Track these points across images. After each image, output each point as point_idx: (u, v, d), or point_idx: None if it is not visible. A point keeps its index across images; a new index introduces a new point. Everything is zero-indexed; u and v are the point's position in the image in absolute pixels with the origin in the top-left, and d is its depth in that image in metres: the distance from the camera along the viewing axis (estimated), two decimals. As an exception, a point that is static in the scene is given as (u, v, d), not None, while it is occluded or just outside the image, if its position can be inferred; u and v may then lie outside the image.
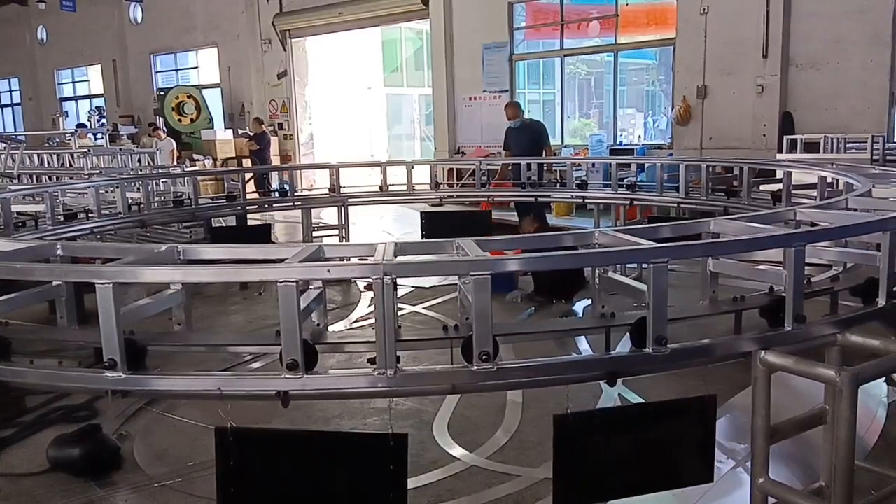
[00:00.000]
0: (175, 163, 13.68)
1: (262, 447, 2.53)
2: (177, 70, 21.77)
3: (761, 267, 3.44)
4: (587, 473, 2.55)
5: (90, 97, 24.70)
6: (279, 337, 2.52)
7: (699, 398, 2.64)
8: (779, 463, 2.79)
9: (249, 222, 8.63)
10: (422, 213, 7.25)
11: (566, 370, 2.79)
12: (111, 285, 2.48)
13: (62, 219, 6.28)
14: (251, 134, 14.99)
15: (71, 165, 10.92)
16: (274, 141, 17.48)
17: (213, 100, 19.41)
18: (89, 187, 6.72)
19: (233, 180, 8.95)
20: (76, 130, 11.80)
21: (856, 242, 3.74)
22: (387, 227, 11.36)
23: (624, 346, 2.93)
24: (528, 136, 9.23)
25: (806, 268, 2.94)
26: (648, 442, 2.62)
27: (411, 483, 3.45)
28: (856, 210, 3.87)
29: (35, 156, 11.72)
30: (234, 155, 16.25)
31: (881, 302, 3.15)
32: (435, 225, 6.69)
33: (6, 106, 27.97)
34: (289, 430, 2.70)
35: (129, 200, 6.88)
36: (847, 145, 9.11)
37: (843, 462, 2.34)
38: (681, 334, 2.89)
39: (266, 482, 2.49)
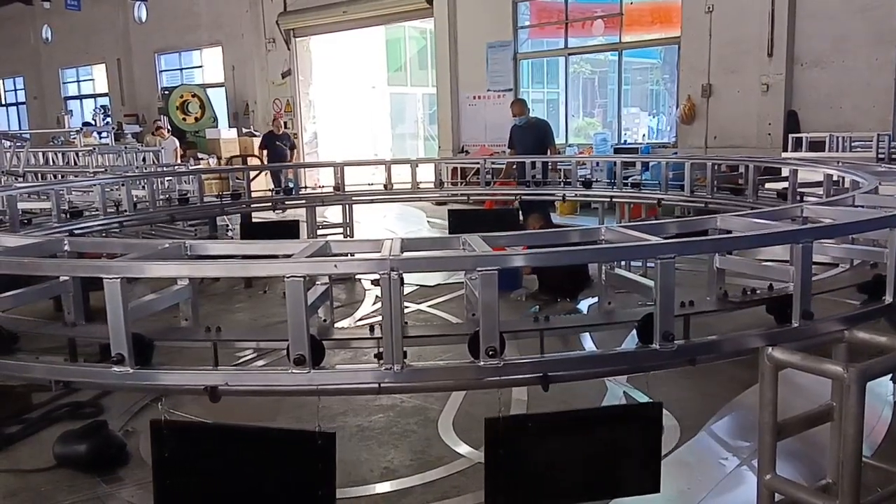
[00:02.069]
0: (179, 161, 13.68)
1: (196, 441, 2.57)
2: (181, 69, 21.81)
3: (768, 263, 3.43)
4: (521, 479, 2.50)
5: (95, 96, 24.75)
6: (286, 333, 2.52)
7: (643, 405, 2.62)
8: (785, 460, 2.79)
9: (281, 218, 8.80)
10: (449, 210, 7.27)
11: (573, 366, 2.78)
12: (119, 280, 2.49)
13: (68, 216, 6.29)
14: (278, 133, 14.49)
15: (76, 164, 10.94)
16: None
17: (218, 99, 19.44)
18: (95, 185, 6.74)
19: (237, 178, 8.95)
20: (82, 129, 11.82)
21: (862, 239, 3.73)
22: (390, 226, 11.36)
23: (631, 342, 2.92)
24: (532, 135, 9.22)
25: (813, 265, 2.94)
26: (587, 449, 2.56)
27: (417, 480, 3.48)
28: (862, 207, 3.85)
29: (40, 154, 11.75)
30: (238, 153, 16.26)
31: (888, 299, 3.14)
32: (462, 223, 6.70)
33: (11, 105, 28.03)
34: (221, 424, 2.72)
35: (135, 198, 6.89)
36: (852, 144, 9.09)
37: (851, 458, 2.34)
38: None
39: (199, 475, 2.52)
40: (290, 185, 8.50)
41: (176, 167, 11.45)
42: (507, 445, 2.47)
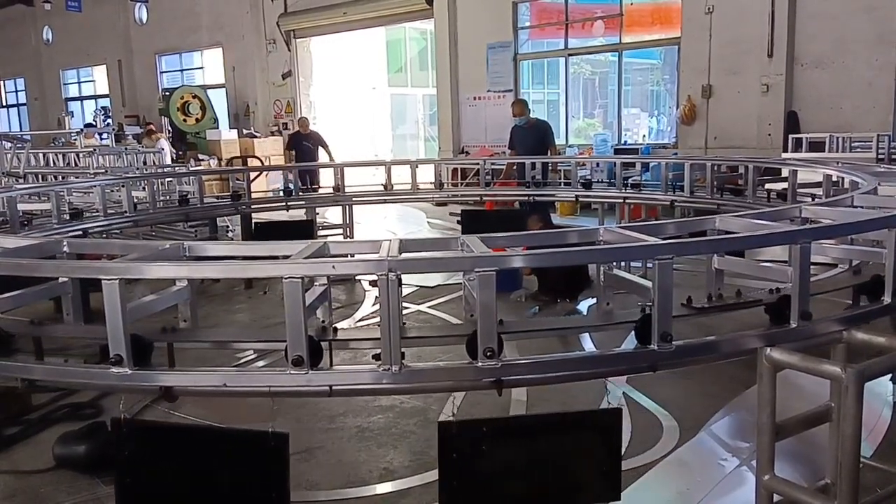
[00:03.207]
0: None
1: (155, 440, 2.59)
2: (182, 70, 21.83)
3: (767, 264, 3.43)
4: (475, 485, 2.48)
5: (95, 97, 24.79)
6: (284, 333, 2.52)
7: (603, 411, 2.59)
8: (784, 461, 2.79)
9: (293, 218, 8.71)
10: (462, 211, 7.28)
11: (572, 367, 2.78)
12: (118, 281, 2.49)
13: (68, 217, 6.30)
14: (304, 133, 13.78)
15: (76, 165, 10.95)
16: (279, 141, 17.51)
17: (218, 100, 19.44)
18: (95, 186, 6.74)
19: (237, 180, 8.96)
20: (83, 130, 11.82)
21: (861, 240, 3.73)
22: (390, 227, 11.36)
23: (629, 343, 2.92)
24: (533, 136, 9.21)
25: (811, 266, 2.94)
26: (545, 455, 2.53)
27: (417, 481, 3.48)
28: (861, 208, 3.85)
29: (41, 155, 11.76)
30: (238, 154, 16.26)
31: (887, 299, 3.14)
32: (474, 224, 6.70)
33: (12, 106, 28.07)
34: (178, 423, 2.73)
35: (135, 199, 6.89)
36: (852, 144, 9.08)
37: (849, 459, 2.34)
38: (685, 331, 2.89)
39: (158, 474, 2.54)
40: (291, 186, 8.49)
41: (176, 168, 11.46)
42: (461, 450, 2.45)
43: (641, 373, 2.85)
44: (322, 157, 13.41)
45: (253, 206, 8.05)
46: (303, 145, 13.50)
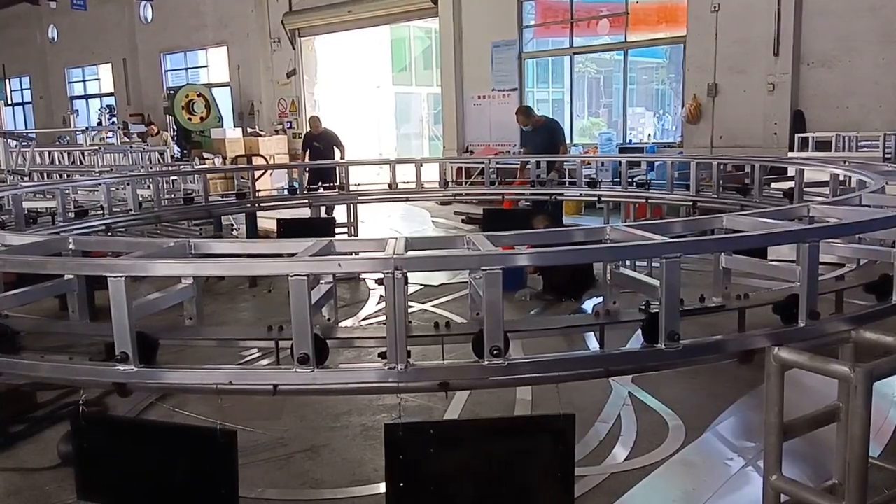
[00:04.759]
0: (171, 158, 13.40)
1: (111, 433, 2.67)
2: (186, 69, 21.85)
3: (774, 263, 3.41)
4: (423, 488, 2.46)
5: (100, 96, 24.84)
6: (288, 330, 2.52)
7: (555, 416, 2.54)
8: (790, 461, 2.77)
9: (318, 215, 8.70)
10: (484, 209, 7.28)
11: (579, 366, 2.77)
12: (124, 279, 2.49)
13: (73, 215, 6.30)
14: (316, 133, 12.43)
15: (81, 163, 10.96)
16: (284, 139, 17.52)
17: (223, 98, 19.47)
18: (100, 184, 6.75)
19: (242, 178, 8.97)
20: (86, 129, 11.81)
21: (868, 239, 3.71)
22: (394, 225, 11.35)
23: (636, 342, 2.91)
24: (542, 136, 9.28)
25: (819, 265, 2.92)
26: (495, 460, 2.51)
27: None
28: (869, 206, 3.83)
29: (46, 154, 11.78)
30: (243, 153, 16.27)
31: (895, 299, 3.12)
32: (496, 222, 6.69)
33: (17, 104, 28.13)
34: (133, 418, 2.77)
35: (140, 198, 6.90)
36: (859, 143, 9.06)
37: (858, 459, 2.32)
38: (692, 331, 2.88)
39: (114, 466, 2.61)
40: (295, 184, 8.49)
41: (181, 167, 11.46)
42: (407, 452, 2.44)
43: (648, 372, 2.83)
44: (337, 157, 12.10)
45: (259, 205, 8.07)
46: (313, 146, 12.30)
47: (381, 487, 3.44)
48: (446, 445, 2.50)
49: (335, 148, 11.93)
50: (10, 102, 27.87)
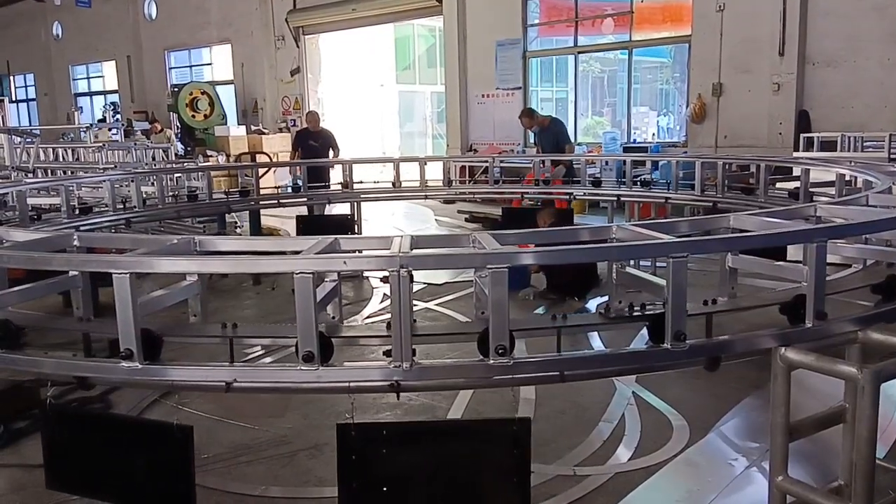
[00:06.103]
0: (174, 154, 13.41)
1: (76, 426, 2.73)
2: (190, 66, 21.89)
3: (781, 263, 3.40)
4: (375, 488, 2.45)
5: (104, 93, 24.88)
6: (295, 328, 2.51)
7: (510, 420, 2.53)
8: (796, 462, 2.76)
9: (333, 212, 8.90)
10: (503, 209, 7.29)
11: (584, 365, 2.75)
12: (128, 275, 2.48)
13: (77, 212, 6.30)
14: (314, 130, 11.19)
15: (85, 160, 10.97)
16: (287, 137, 17.49)
17: (227, 96, 19.48)
18: (104, 181, 6.75)
19: (246, 175, 8.97)
20: (91, 126, 11.82)
21: (875, 239, 3.69)
22: (398, 224, 11.34)
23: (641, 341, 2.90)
24: (547, 137, 9.34)
25: (826, 265, 2.90)
26: (449, 462, 2.51)
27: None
28: (876, 207, 3.82)
29: (50, 150, 11.80)
30: (247, 150, 16.28)
31: (902, 299, 3.11)
32: (514, 221, 6.69)
33: (22, 101, 28.19)
34: (94, 411, 2.81)
35: (144, 195, 6.90)
36: (864, 144, 9.03)
37: (864, 460, 2.31)
38: (693, 330, 2.86)
39: (80, 460, 2.68)
40: (299, 182, 8.48)
41: (185, 164, 11.46)
42: (360, 453, 2.43)
43: (654, 372, 2.82)
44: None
45: (261, 202, 8.06)
46: (308, 145, 11.00)
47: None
48: (400, 446, 2.49)
49: (331, 149, 11.28)
50: (14, 99, 27.93)
